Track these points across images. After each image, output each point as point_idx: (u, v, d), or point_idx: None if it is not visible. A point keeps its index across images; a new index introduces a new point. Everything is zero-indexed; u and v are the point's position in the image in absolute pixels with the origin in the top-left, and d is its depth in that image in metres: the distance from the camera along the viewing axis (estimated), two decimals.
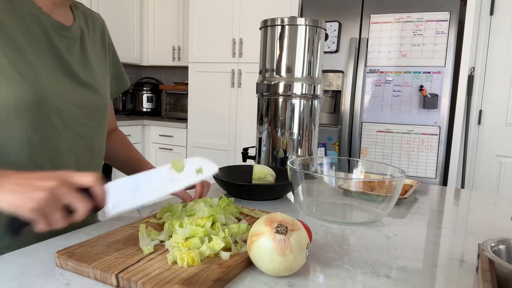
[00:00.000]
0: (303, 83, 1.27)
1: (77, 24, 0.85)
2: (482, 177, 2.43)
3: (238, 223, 0.71)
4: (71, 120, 0.81)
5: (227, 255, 0.60)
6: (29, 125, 0.73)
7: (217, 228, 0.67)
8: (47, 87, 0.74)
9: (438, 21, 2.29)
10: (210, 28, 3.14)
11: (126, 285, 0.53)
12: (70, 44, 0.82)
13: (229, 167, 1.18)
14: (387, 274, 0.62)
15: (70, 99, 0.80)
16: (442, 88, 2.31)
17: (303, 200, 0.91)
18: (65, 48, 0.80)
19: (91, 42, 0.89)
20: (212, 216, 0.69)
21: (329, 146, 2.62)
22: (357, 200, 0.94)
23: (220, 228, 0.67)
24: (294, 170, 0.89)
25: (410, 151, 2.41)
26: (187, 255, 0.58)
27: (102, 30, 0.95)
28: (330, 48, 2.55)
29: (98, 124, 0.89)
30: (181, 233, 0.63)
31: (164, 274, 0.54)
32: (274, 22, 1.28)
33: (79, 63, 0.83)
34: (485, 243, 0.58)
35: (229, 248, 0.63)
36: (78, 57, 0.83)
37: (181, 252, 0.58)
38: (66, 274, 0.57)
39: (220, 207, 0.75)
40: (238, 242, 0.66)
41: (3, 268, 0.58)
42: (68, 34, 0.81)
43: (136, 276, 0.53)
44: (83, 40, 0.86)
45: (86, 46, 0.86)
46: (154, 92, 3.86)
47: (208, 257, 0.60)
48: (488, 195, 1.20)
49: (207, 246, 0.61)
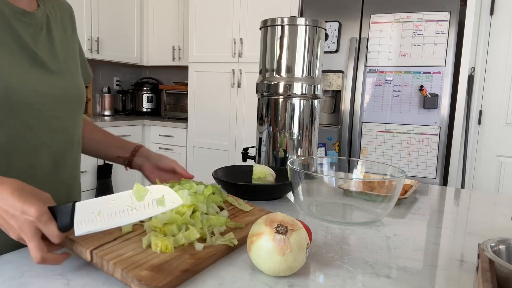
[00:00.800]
0: (303, 83, 1.27)
1: (42, 10, 0.79)
2: (482, 177, 2.44)
3: (219, 213, 0.72)
4: (43, 113, 0.74)
5: (201, 246, 0.61)
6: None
7: (197, 218, 0.67)
8: (11, 79, 0.69)
9: (438, 21, 2.29)
10: (210, 28, 3.14)
11: (99, 262, 0.55)
12: (35, 31, 0.76)
13: (229, 167, 1.18)
14: (387, 274, 0.62)
15: (39, 90, 0.74)
16: (442, 88, 2.31)
17: (303, 200, 0.91)
18: (30, 36, 0.74)
19: (59, 28, 0.83)
20: (194, 205, 0.69)
21: (329, 146, 2.62)
22: (357, 200, 0.94)
23: (200, 218, 0.67)
24: (294, 170, 0.89)
25: (410, 151, 2.41)
26: (161, 241, 0.58)
27: (70, 15, 0.89)
28: (330, 48, 2.55)
29: (74, 115, 0.83)
30: (160, 218, 0.63)
31: (137, 257, 0.56)
32: (274, 22, 1.28)
33: (47, 51, 0.77)
34: (485, 243, 0.58)
35: (205, 239, 0.64)
36: (44, 44, 0.77)
37: (156, 238, 0.59)
38: (66, 274, 0.57)
39: (204, 195, 0.74)
40: (214, 234, 0.66)
41: (3, 268, 0.58)
42: (32, 21, 0.75)
43: (109, 256, 0.55)
44: (49, 26, 0.80)
45: (52, 32, 0.80)
46: (154, 92, 3.86)
47: (183, 245, 0.61)
48: (488, 195, 1.20)
49: (183, 235, 0.61)
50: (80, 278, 0.56)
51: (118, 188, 3.17)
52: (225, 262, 0.63)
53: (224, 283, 0.56)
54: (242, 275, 0.59)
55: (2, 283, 0.54)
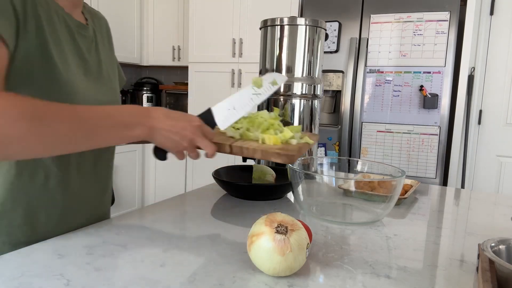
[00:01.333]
0: (303, 83, 1.27)
1: (90, 24, 0.86)
2: (482, 177, 2.43)
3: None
4: None
5: (295, 141, 0.84)
6: None
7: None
8: (76, 87, 0.74)
9: (438, 21, 2.29)
10: (210, 28, 3.14)
11: (238, 150, 0.77)
12: (88, 43, 0.83)
13: (229, 167, 1.18)
14: (387, 274, 0.62)
15: (92, 96, 0.80)
16: (442, 88, 2.31)
17: (303, 200, 0.91)
18: (85, 48, 0.81)
19: (101, 41, 0.91)
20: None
21: (329, 146, 2.62)
22: (357, 200, 0.94)
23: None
24: (294, 170, 0.89)
25: (410, 151, 2.41)
26: (273, 137, 0.81)
27: (107, 28, 0.97)
28: (330, 48, 2.55)
29: None
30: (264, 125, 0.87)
31: (262, 146, 0.77)
32: (274, 22, 1.28)
33: (96, 62, 0.85)
34: (485, 243, 0.58)
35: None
36: (94, 56, 0.85)
37: (268, 136, 0.81)
38: (66, 274, 0.57)
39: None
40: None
41: (3, 268, 0.58)
42: (86, 34, 0.83)
43: (244, 144, 0.77)
44: (96, 39, 0.87)
45: (98, 45, 0.88)
46: (154, 92, 3.86)
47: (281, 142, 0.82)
48: (488, 195, 1.20)
49: (282, 134, 0.84)
50: (80, 278, 0.56)
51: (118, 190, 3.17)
52: (225, 262, 0.63)
53: (224, 283, 0.56)
54: (242, 275, 0.59)
55: (2, 283, 0.54)
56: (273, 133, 0.84)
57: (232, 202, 0.99)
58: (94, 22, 0.90)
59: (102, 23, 0.94)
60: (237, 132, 0.85)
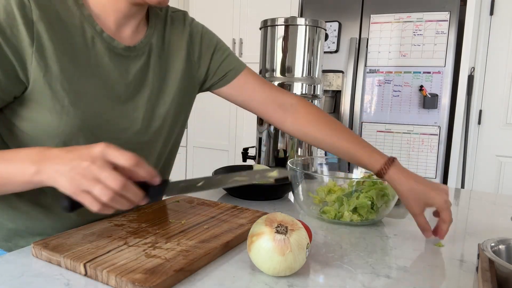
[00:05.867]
0: (303, 83, 1.27)
1: (146, 40, 0.77)
2: (482, 177, 2.43)
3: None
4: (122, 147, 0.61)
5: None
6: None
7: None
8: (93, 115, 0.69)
9: (438, 21, 2.29)
10: (210, 28, 3.14)
11: (93, 274, 0.55)
12: (130, 63, 0.74)
13: (229, 167, 1.18)
14: (387, 274, 0.62)
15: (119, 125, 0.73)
16: (442, 88, 2.31)
17: (303, 200, 0.91)
18: (122, 70, 0.73)
19: (164, 55, 0.81)
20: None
21: None
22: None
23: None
24: (294, 170, 0.89)
25: (410, 151, 2.41)
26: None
27: (191, 36, 0.87)
28: (330, 48, 2.55)
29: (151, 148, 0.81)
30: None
31: (130, 264, 0.57)
32: (274, 22, 1.28)
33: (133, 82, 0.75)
34: (485, 243, 0.58)
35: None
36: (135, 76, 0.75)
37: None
38: (66, 274, 0.57)
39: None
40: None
41: (3, 268, 0.58)
42: (130, 54, 0.74)
43: (102, 266, 0.55)
44: (149, 57, 0.78)
45: (150, 63, 0.77)
46: None
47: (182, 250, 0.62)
48: (488, 195, 1.20)
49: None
50: (80, 278, 0.56)
51: None
52: (225, 262, 0.63)
53: (223, 283, 0.56)
54: (242, 275, 0.59)
55: (2, 283, 0.54)
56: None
57: (232, 202, 0.99)
58: (165, 30, 0.81)
59: (183, 35, 0.84)
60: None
